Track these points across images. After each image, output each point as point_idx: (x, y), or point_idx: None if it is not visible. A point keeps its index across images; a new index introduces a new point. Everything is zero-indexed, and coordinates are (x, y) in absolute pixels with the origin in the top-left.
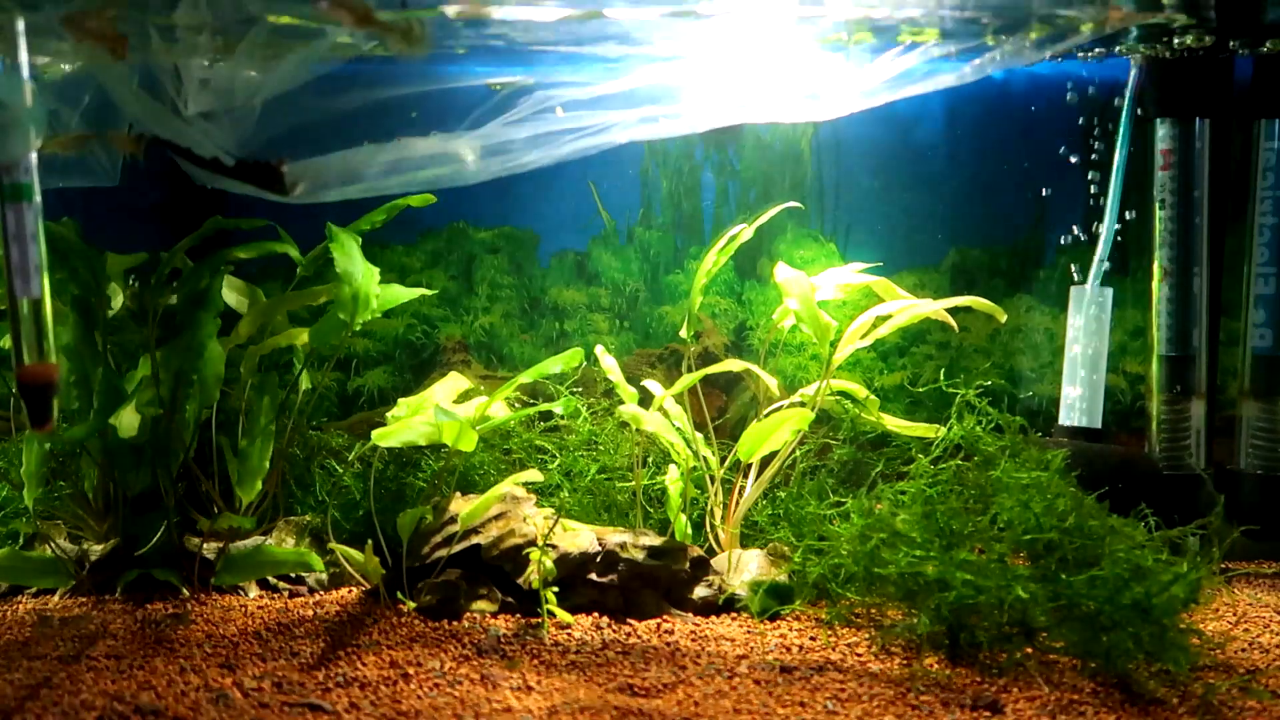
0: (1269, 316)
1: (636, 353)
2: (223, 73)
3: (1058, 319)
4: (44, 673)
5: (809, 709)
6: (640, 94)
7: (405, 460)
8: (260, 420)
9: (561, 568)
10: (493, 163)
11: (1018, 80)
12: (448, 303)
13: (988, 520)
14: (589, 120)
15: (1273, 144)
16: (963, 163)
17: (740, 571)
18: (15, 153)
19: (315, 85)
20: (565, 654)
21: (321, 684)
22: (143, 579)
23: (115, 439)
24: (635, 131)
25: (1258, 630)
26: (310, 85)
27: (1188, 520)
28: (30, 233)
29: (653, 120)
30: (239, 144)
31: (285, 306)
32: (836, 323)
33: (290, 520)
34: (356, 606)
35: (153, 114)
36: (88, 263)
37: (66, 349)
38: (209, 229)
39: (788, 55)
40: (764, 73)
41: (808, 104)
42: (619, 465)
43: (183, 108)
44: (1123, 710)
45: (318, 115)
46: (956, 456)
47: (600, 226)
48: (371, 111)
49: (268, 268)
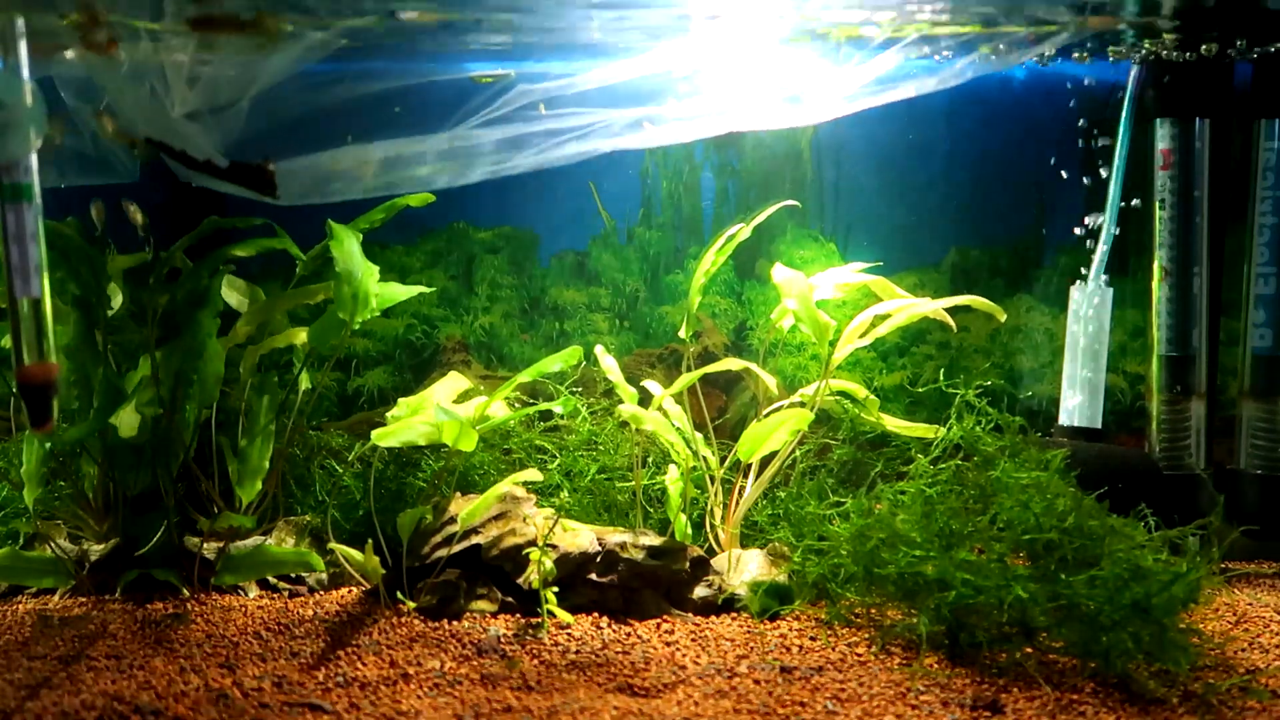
0: (1269, 316)
1: (636, 353)
2: (208, 72)
3: (1058, 319)
4: (44, 673)
5: (809, 709)
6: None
7: (405, 460)
8: (260, 420)
9: (561, 568)
10: (478, 165)
11: (1018, 80)
12: (448, 303)
13: (987, 520)
14: (574, 121)
15: (1273, 144)
16: (963, 162)
17: (740, 571)
18: (15, 153)
19: (301, 82)
20: (565, 654)
21: (321, 684)
22: (143, 579)
23: (115, 439)
24: (620, 141)
25: (1258, 630)
26: (296, 82)
27: (1188, 520)
28: (30, 233)
29: (636, 127)
30: (227, 144)
31: (284, 305)
32: (835, 322)
33: (290, 520)
34: (356, 606)
35: (148, 115)
36: (88, 262)
37: (66, 349)
38: (207, 228)
39: (766, 59)
40: (746, 78)
41: (789, 109)
42: (619, 465)
43: (170, 109)
44: (1123, 710)
45: (304, 113)
46: (956, 456)
47: (600, 226)
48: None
49: (267, 267)
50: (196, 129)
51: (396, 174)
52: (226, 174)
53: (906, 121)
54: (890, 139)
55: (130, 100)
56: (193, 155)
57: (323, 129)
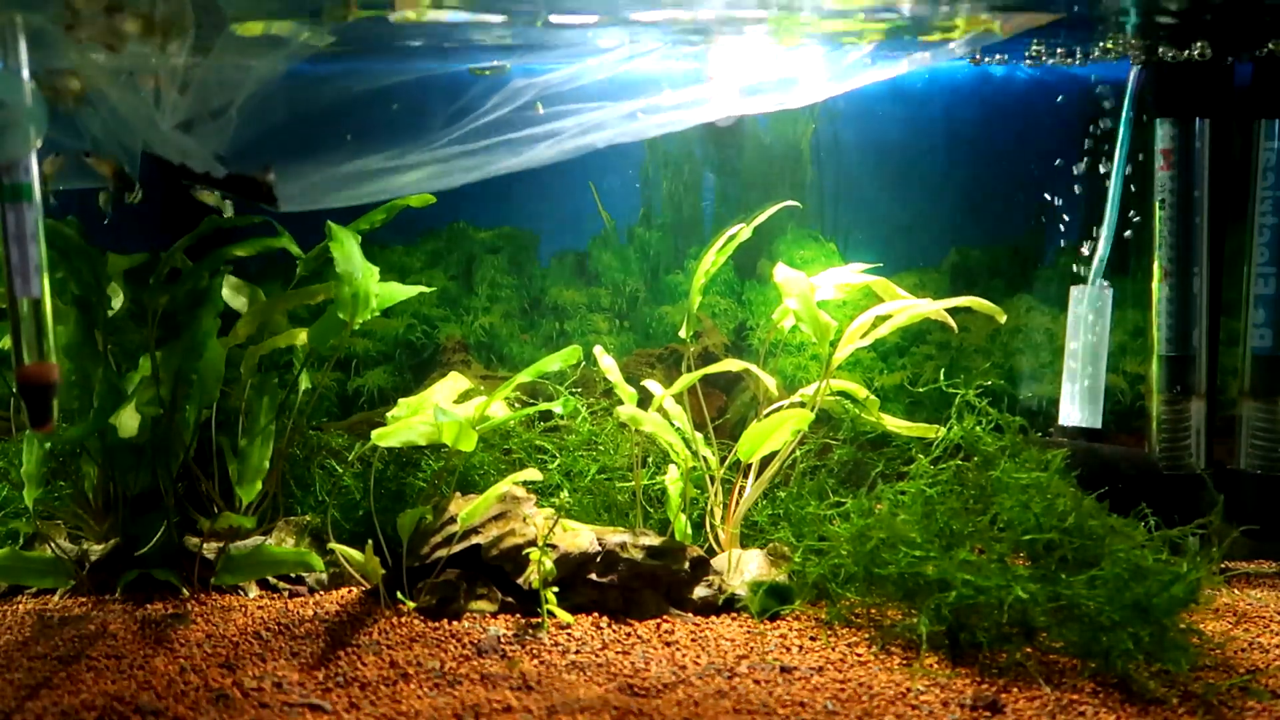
0: (1269, 316)
1: (636, 353)
2: (199, 76)
3: (1058, 319)
4: (44, 673)
5: (809, 709)
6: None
7: (405, 460)
8: (260, 420)
9: (561, 568)
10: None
11: (1018, 80)
12: (448, 303)
13: (987, 520)
14: (571, 121)
15: (1273, 144)
16: (963, 163)
17: (740, 571)
18: (15, 153)
19: (291, 83)
20: (565, 654)
21: (321, 684)
22: (143, 579)
23: (115, 439)
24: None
25: (1258, 630)
26: (287, 84)
27: (1188, 520)
28: (30, 233)
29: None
30: (220, 151)
31: (284, 305)
32: (836, 322)
33: (290, 520)
34: (356, 606)
35: (147, 126)
36: (89, 262)
37: (67, 349)
38: (207, 228)
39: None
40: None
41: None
42: (619, 465)
43: (161, 119)
44: (1123, 710)
45: (297, 115)
46: (956, 456)
47: (600, 226)
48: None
49: (267, 268)
50: (190, 139)
51: (396, 179)
52: (224, 185)
53: (907, 122)
54: (891, 139)
55: (126, 111)
56: (193, 169)
57: (318, 131)
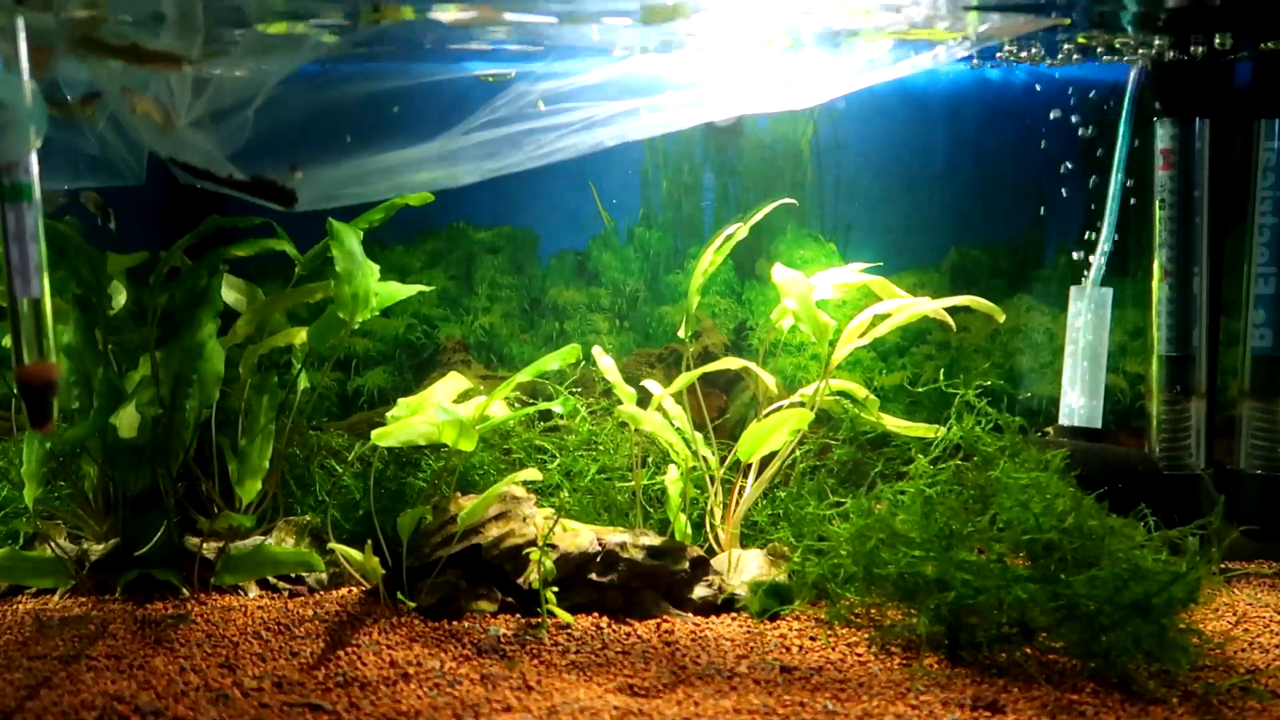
0: (1269, 316)
1: (636, 353)
2: (213, 77)
3: (1058, 319)
4: (44, 673)
5: (809, 709)
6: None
7: (405, 460)
8: (260, 420)
9: (561, 568)
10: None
11: (1018, 80)
12: (448, 303)
13: (987, 520)
14: (573, 117)
15: (1273, 144)
16: (963, 163)
17: (740, 571)
18: (15, 153)
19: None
20: (565, 654)
21: (321, 684)
22: (143, 579)
23: (115, 439)
24: (619, 129)
25: (1258, 630)
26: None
27: (1188, 520)
28: (30, 233)
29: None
30: (234, 153)
31: (283, 304)
32: (835, 322)
33: (290, 520)
34: (356, 606)
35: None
36: (89, 261)
37: (67, 348)
38: (207, 227)
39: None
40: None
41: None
42: (619, 465)
43: (177, 119)
44: (1122, 710)
45: (308, 116)
46: (956, 456)
47: (600, 226)
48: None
49: (266, 267)
50: (207, 139)
51: (403, 178)
52: (245, 188)
53: (907, 122)
54: (891, 139)
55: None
56: (215, 172)
57: (325, 133)
